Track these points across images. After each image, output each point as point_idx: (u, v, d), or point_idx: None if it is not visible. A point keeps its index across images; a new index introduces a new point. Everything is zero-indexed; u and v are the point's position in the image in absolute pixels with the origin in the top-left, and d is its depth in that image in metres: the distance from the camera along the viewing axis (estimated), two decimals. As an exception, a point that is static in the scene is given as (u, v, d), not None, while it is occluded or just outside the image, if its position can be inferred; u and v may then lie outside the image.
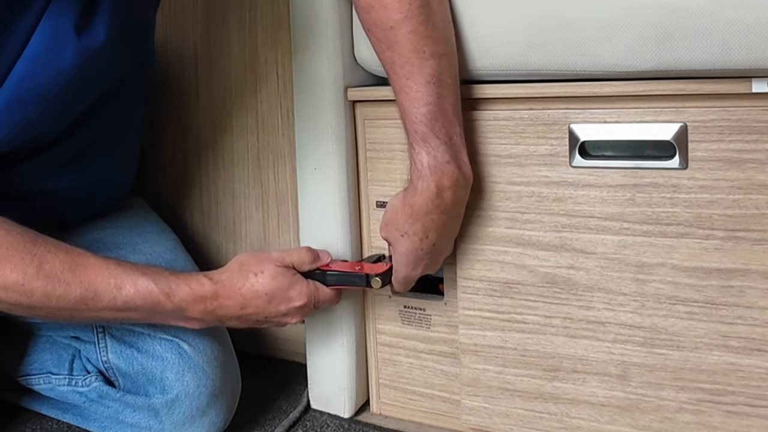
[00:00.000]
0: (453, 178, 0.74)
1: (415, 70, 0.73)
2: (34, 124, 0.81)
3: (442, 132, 0.74)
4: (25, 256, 0.74)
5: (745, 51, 0.66)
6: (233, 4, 1.08)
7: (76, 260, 0.77)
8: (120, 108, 0.94)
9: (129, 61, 0.89)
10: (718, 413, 0.74)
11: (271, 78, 1.06)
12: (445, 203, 0.76)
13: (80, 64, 0.79)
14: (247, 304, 0.80)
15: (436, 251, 0.79)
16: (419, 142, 0.74)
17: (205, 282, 0.80)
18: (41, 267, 0.75)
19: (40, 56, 0.76)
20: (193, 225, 1.17)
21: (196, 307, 0.79)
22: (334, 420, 0.94)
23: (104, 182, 0.99)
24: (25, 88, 0.77)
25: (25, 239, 0.75)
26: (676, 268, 0.74)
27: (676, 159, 0.72)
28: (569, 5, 0.73)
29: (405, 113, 0.75)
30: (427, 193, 0.75)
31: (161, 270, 0.81)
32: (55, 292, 0.75)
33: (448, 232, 0.79)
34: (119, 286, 0.77)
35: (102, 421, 0.92)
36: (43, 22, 0.76)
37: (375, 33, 0.76)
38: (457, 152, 0.75)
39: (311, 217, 0.91)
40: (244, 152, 1.10)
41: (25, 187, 0.89)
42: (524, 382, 0.83)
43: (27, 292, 0.74)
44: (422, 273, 0.82)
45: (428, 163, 0.74)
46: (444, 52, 0.74)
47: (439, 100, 0.74)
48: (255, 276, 0.80)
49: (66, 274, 0.75)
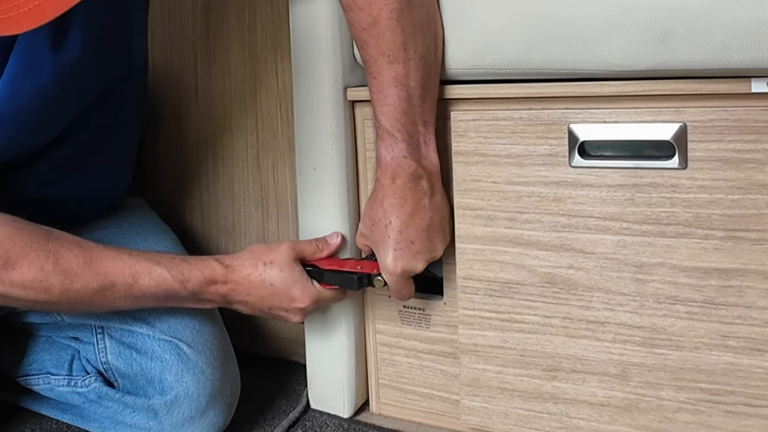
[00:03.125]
0: (409, 169, 0.78)
1: (380, 71, 0.77)
2: (18, 141, 0.82)
3: (403, 131, 0.77)
4: (40, 253, 0.76)
5: (744, 50, 0.66)
6: (233, 4, 1.08)
7: (91, 254, 0.79)
8: (110, 116, 0.94)
9: (113, 70, 0.90)
10: (717, 413, 0.74)
11: (270, 78, 1.06)
12: (401, 189, 0.78)
13: (59, 79, 0.79)
14: (253, 291, 0.83)
15: (404, 240, 0.79)
16: (380, 137, 0.79)
17: (217, 266, 0.83)
18: (57, 263, 0.77)
19: (19, 76, 0.77)
20: (193, 225, 1.17)
21: (209, 289, 0.83)
22: (333, 420, 0.94)
23: (99, 189, 0.99)
24: (7, 108, 0.78)
25: (38, 236, 0.77)
26: (676, 268, 0.74)
27: (675, 159, 0.72)
28: (568, 5, 0.72)
29: (372, 109, 0.80)
30: (383, 180, 0.79)
31: (173, 257, 0.83)
32: (74, 287, 0.77)
33: (414, 221, 0.79)
34: (134, 276, 0.80)
35: (101, 422, 0.92)
36: (18, 42, 0.76)
37: (352, 32, 0.80)
38: (417, 149, 0.79)
39: (311, 217, 0.91)
40: (244, 152, 1.10)
41: (18, 196, 0.89)
42: (524, 382, 0.83)
43: (46, 288, 0.76)
44: (403, 268, 0.80)
45: (385, 157, 0.79)
46: (410, 57, 0.76)
47: (400, 102, 0.77)
48: (264, 265, 0.83)
49: (82, 268, 0.78)
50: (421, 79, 0.77)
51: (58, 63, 0.78)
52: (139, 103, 1.03)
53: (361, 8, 0.76)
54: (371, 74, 0.78)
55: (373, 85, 0.78)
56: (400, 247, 0.79)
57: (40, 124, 0.83)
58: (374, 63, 0.77)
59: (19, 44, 0.76)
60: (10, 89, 0.77)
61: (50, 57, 0.78)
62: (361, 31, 0.77)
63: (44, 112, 0.81)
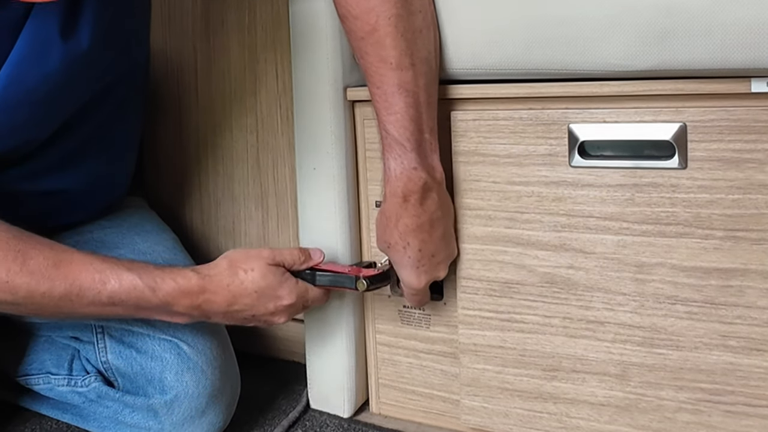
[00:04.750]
0: (420, 183, 0.76)
1: (383, 79, 0.75)
2: (21, 129, 0.81)
3: (412, 139, 0.75)
4: (8, 253, 0.74)
5: (744, 50, 0.66)
6: (232, 4, 1.08)
7: (60, 256, 0.76)
8: (112, 110, 0.94)
9: (117, 65, 0.89)
10: (717, 413, 0.74)
11: (270, 78, 1.06)
12: (414, 207, 0.76)
13: (66, 68, 0.79)
14: (235, 301, 0.80)
15: (425, 257, 0.79)
16: (388, 148, 0.76)
17: (192, 276, 0.79)
18: (25, 263, 0.74)
19: (26, 60, 0.77)
20: (193, 225, 1.17)
21: (181, 301, 0.79)
22: (333, 420, 0.94)
23: (100, 184, 0.99)
24: (12, 91, 0.77)
25: (8, 236, 0.75)
26: (676, 267, 0.74)
27: (675, 159, 0.72)
28: (568, 5, 0.73)
29: (377, 119, 0.77)
30: (394, 199, 0.77)
31: (147, 265, 0.80)
32: (39, 289, 0.75)
33: (432, 237, 0.78)
34: (104, 281, 0.76)
35: (101, 422, 0.92)
36: (27, 26, 0.76)
37: (350, 41, 0.79)
38: (426, 158, 0.77)
39: (310, 216, 0.91)
40: (244, 152, 1.10)
41: (19, 189, 0.89)
42: (523, 381, 0.83)
43: (11, 289, 0.74)
44: (427, 281, 0.81)
45: (394, 169, 0.76)
46: (413, 63, 0.75)
47: (407, 109, 0.75)
48: (245, 273, 0.80)
49: (50, 270, 0.75)
50: (425, 85, 0.76)
51: (66, 52, 0.78)
52: (141, 99, 1.03)
53: (357, 17, 0.75)
54: (374, 83, 0.76)
55: (377, 95, 0.76)
56: (422, 264, 0.79)
57: (44, 112, 0.82)
58: (376, 71, 0.75)
59: (28, 29, 0.76)
60: (15, 73, 0.76)
61: (59, 46, 0.77)
62: (359, 40, 0.76)
63: (49, 100, 0.81)
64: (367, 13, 0.74)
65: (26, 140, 0.84)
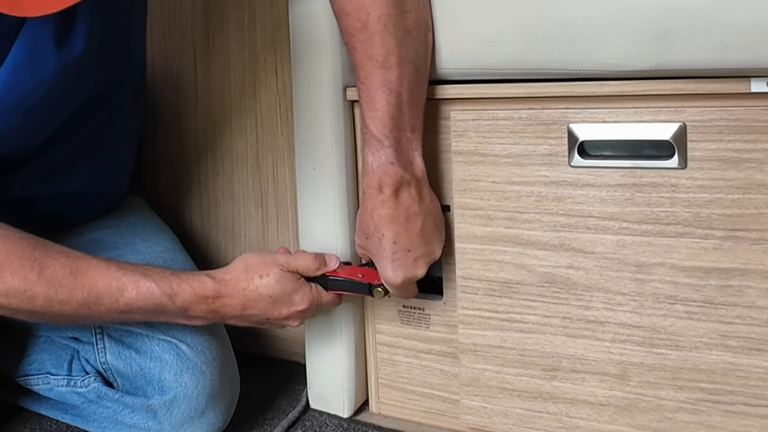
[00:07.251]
0: (396, 176, 0.77)
1: (368, 76, 0.76)
2: (16, 135, 0.81)
3: (390, 136, 0.76)
4: (25, 261, 0.75)
5: (743, 50, 0.66)
6: (232, 3, 1.08)
7: (77, 264, 0.77)
8: (109, 115, 0.94)
9: (112, 70, 0.89)
10: (717, 413, 0.74)
11: (270, 78, 1.06)
12: (390, 199, 0.77)
13: (60, 75, 0.79)
14: (250, 305, 0.82)
15: (400, 250, 0.79)
16: (367, 143, 0.78)
17: (208, 281, 0.81)
18: (42, 272, 0.75)
19: (20, 67, 0.77)
20: (193, 225, 1.17)
21: (198, 306, 0.80)
22: (333, 420, 0.94)
23: (97, 188, 0.99)
24: (7, 98, 0.77)
25: (24, 244, 0.76)
26: (675, 267, 0.74)
27: (675, 159, 0.72)
28: (568, 4, 0.72)
29: (361, 114, 0.79)
30: (370, 190, 0.78)
31: (162, 270, 0.81)
32: (58, 297, 0.76)
33: (407, 230, 0.78)
34: (121, 289, 0.77)
35: (100, 422, 0.92)
36: (22, 33, 0.76)
37: (342, 38, 0.80)
38: (404, 155, 0.78)
39: (310, 217, 0.91)
40: (243, 152, 1.10)
41: (17, 193, 0.89)
42: (523, 381, 0.83)
43: (29, 297, 0.75)
44: (404, 278, 0.80)
45: (371, 163, 0.77)
46: (400, 62, 0.76)
47: (388, 107, 0.76)
48: (260, 278, 0.81)
49: (68, 279, 0.76)
50: (410, 85, 0.77)
51: (60, 59, 0.78)
52: (138, 102, 1.03)
53: (348, 14, 0.76)
54: (359, 79, 0.77)
55: (362, 90, 0.77)
56: (397, 257, 0.79)
57: (40, 117, 0.83)
58: (362, 68, 0.77)
59: (22, 36, 0.76)
60: (11, 79, 0.77)
61: (53, 52, 0.77)
62: (350, 36, 0.77)
63: (44, 105, 0.81)
64: (359, 11, 0.75)
65: (21, 146, 0.84)
